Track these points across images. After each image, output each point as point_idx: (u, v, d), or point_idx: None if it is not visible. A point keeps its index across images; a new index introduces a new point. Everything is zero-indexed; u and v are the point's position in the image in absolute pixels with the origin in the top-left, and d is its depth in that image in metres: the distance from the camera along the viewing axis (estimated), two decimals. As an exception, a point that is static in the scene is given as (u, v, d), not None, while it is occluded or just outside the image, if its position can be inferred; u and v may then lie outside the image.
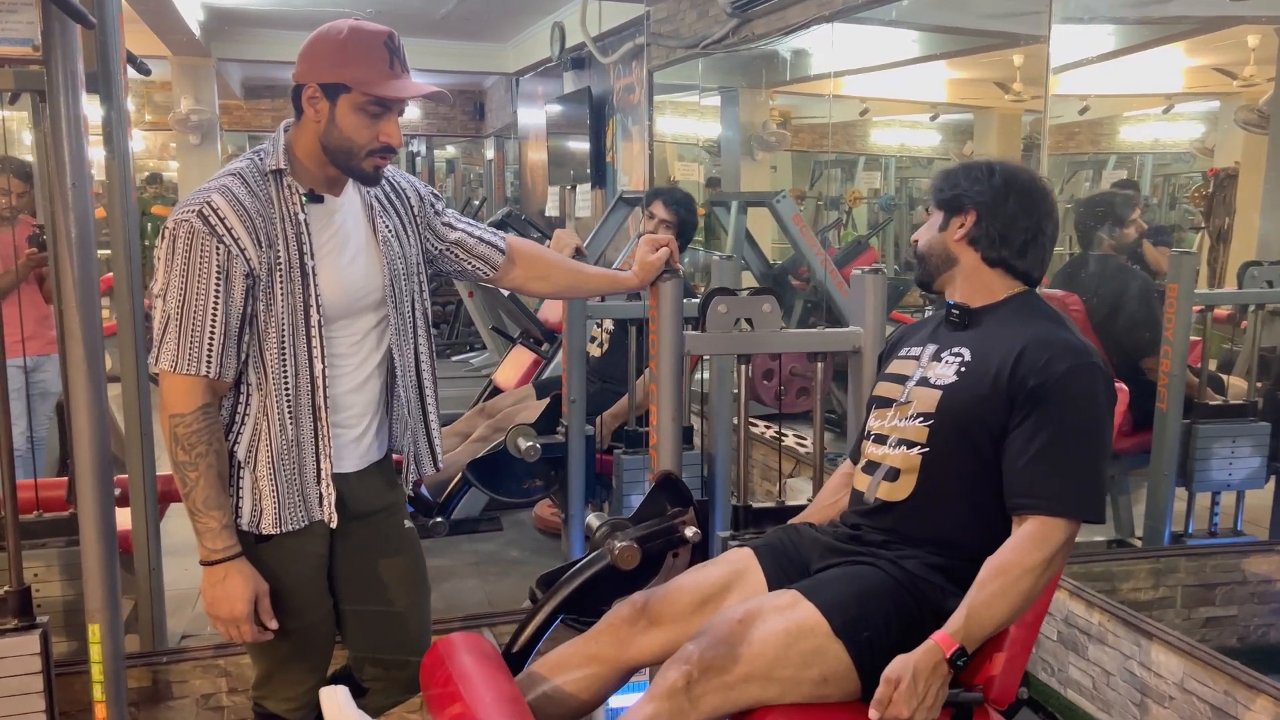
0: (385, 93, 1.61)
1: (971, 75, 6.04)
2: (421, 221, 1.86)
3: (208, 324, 1.58)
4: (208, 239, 1.57)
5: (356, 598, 1.83)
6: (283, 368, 1.65)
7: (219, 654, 2.36)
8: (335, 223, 1.71)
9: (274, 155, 1.66)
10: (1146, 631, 2.47)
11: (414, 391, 1.83)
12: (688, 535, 1.91)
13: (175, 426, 1.60)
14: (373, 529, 1.81)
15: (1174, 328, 3.12)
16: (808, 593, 1.61)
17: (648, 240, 2.04)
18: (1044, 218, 1.72)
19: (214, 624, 1.67)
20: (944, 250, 1.74)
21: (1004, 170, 1.73)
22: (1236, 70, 4.24)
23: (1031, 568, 1.52)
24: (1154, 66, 4.55)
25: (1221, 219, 4.04)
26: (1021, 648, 1.66)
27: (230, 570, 1.63)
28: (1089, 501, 1.56)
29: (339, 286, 1.69)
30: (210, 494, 1.61)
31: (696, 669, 1.53)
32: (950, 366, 1.70)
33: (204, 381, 1.60)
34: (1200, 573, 2.95)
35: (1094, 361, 1.60)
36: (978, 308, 1.74)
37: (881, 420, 1.78)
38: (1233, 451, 3.03)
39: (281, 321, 1.63)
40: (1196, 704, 2.31)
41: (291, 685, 1.80)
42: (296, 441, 1.67)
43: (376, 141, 1.64)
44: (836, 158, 8.05)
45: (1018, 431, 1.59)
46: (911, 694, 1.46)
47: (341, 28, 1.62)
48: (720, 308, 2.13)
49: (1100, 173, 5.63)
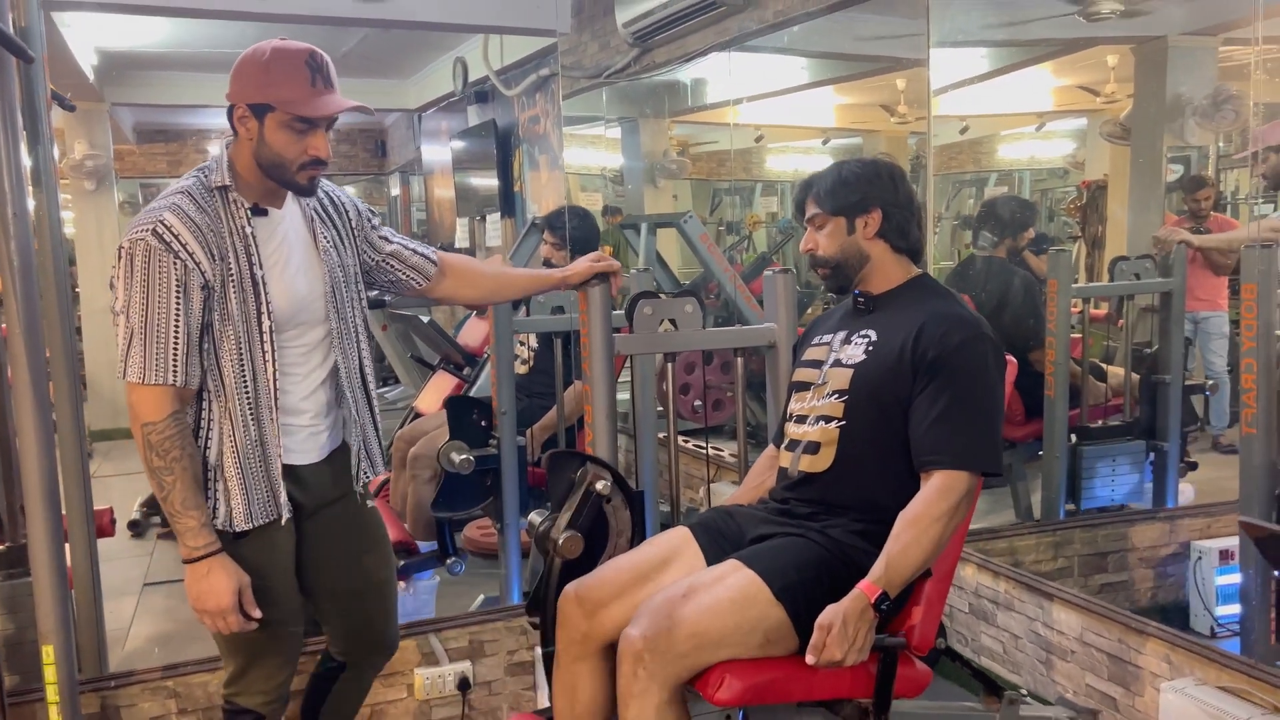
0: (305, 111, 1.70)
1: (859, 100, 6.36)
2: (359, 234, 1.97)
3: (171, 335, 1.66)
4: (164, 255, 1.65)
5: (329, 574, 1.94)
6: (240, 372, 1.74)
7: (167, 675, 2.38)
8: (279, 234, 1.81)
9: (218, 172, 1.75)
10: (1047, 593, 2.69)
11: (360, 392, 1.95)
12: (599, 489, 1.96)
13: (148, 434, 1.67)
14: (334, 513, 1.94)
15: (1055, 320, 3.40)
16: (748, 562, 1.76)
17: (594, 254, 2.18)
18: (914, 197, 1.94)
19: (201, 618, 1.74)
20: (857, 250, 1.91)
21: (884, 165, 1.94)
22: (1099, 88, 4.60)
23: (939, 516, 1.70)
24: (1025, 87, 4.89)
25: (1095, 227, 4.38)
26: (937, 599, 1.84)
27: (213, 565, 1.71)
28: (987, 455, 1.75)
29: (286, 296, 1.79)
30: (187, 495, 1.69)
31: (645, 650, 1.66)
32: (859, 347, 1.88)
33: (172, 390, 1.68)
34: (1093, 543, 3.20)
35: (985, 333, 1.80)
36: (880, 294, 1.93)
37: (801, 402, 1.95)
38: (1114, 470, 3.29)
39: (237, 329, 1.73)
40: (1095, 654, 2.53)
41: (265, 679, 1.88)
42: (260, 441, 1.77)
43: (305, 155, 1.73)
44: (732, 185, 8.34)
45: (921, 398, 1.77)
46: (842, 637, 1.62)
47: (265, 49, 1.71)
48: (646, 309, 2.27)
49: (982, 190, 5.99)
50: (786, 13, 3.54)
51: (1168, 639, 2.33)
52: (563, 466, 2.04)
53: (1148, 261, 3.49)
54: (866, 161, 1.95)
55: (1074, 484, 3.28)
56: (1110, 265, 3.54)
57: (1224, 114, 3.83)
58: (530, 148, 5.91)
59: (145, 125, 10.26)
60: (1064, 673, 2.62)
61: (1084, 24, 3.69)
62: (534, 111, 5.75)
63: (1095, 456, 3.30)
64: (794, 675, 1.71)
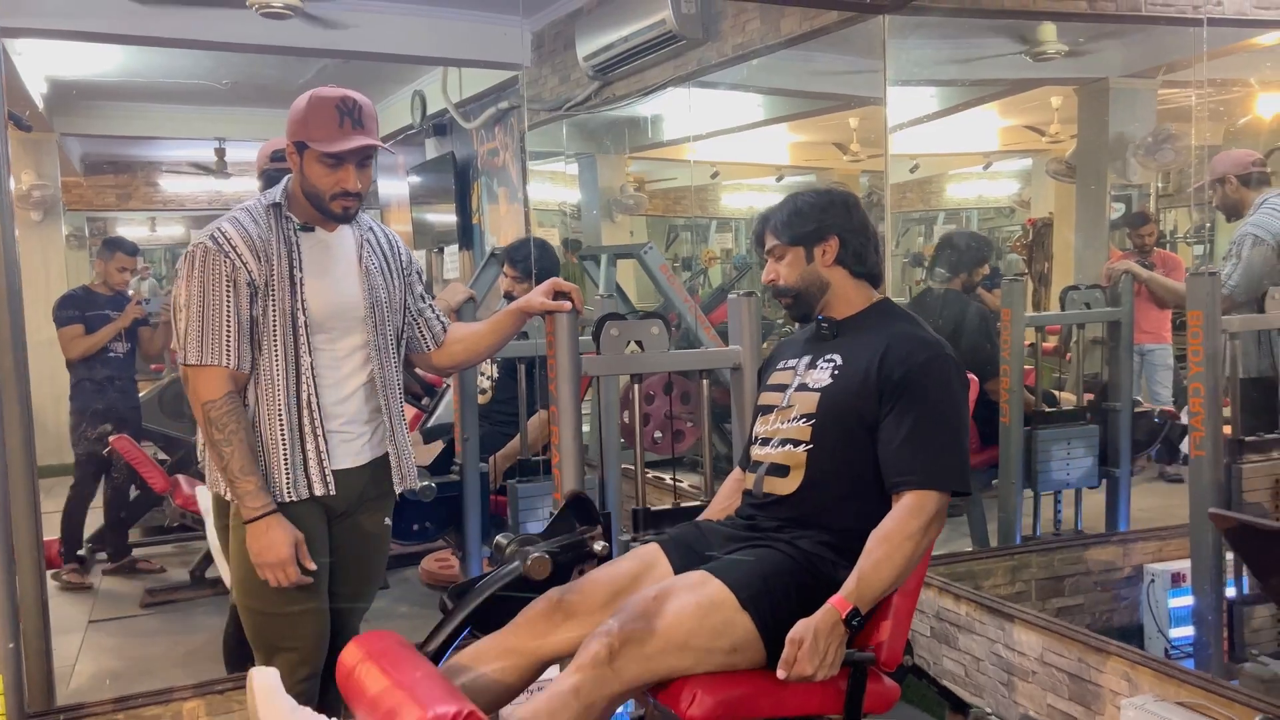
0: (328, 149, 1.93)
1: (813, 138, 6.48)
2: (407, 278, 2.18)
3: (224, 323, 1.91)
4: (217, 255, 1.92)
5: (336, 578, 2.07)
6: (274, 364, 1.95)
7: (119, 708, 2.32)
8: (324, 248, 2.04)
9: (276, 194, 2.02)
10: (1009, 615, 2.72)
11: (396, 405, 2.12)
12: (597, 549, 1.99)
13: (209, 411, 1.90)
14: (358, 521, 2.10)
15: (1010, 348, 3.46)
16: (716, 572, 1.76)
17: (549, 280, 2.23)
18: (869, 223, 1.98)
19: (262, 572, 1.92)
20: (817, 278, 1.95)
21: (837, 194, 2.01)
22: (1044, 128, 4.74)
23: (911, 534, 1.72)
24: (973, 127, 5.03)
25: (1041, 263, 4.50)
26: (905, 615, 1.85)
27: (271, 523, 1.90)
28: (955, 474, 1.78)
29: (321, 298, 2.00)
30: (244, 463, 1.90)
31: (618, 640, 1.66)
32: (824, 371, 1.91)
33: (226, 372, 1.91)
34: (1050, 566, 3.24)
35: (947, 353, 1.84)
36: (843, 319, 1.96)
37: (765, 425, 1.97)
38: (1069, 452, 3.36)
39: (274, 324, 1.95)
40: (1056, 674, 2.55)
41: (286, 674, 1.90)
42: (291, 426, 1.97)
43: (337, 187, 1.97)
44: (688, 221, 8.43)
45: (889, 419, 1.80)
46: (814, 652, 1.63)
47: (308, 95, 1.96)
48: (613, 330, 2.29)
49: (931, 228, 6.11)
50: (746, 46, 3.60)
51: (1127, 657, 2.36)
52: (577, 511, 2.03)
53: (1098, 291, 3.58)
54: (820, 191, 2.00)
55: (1030, 468, 3.35)
56: (1061, 294, 3.62)
57: (1164, 153, 3.97)
58: (489, 180, 5.92)
59: (94, 156, 10.10)
60: (1025, 693, 2.64)
61: (1030, 64, 3.81)
62: (493, 144, 5.78)
63: (1050, 440, 3.38)
64: (764, 691, 1.71)
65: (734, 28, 3.66)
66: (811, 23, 3.30)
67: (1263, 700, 2.08)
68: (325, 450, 1.99)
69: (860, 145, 5.91)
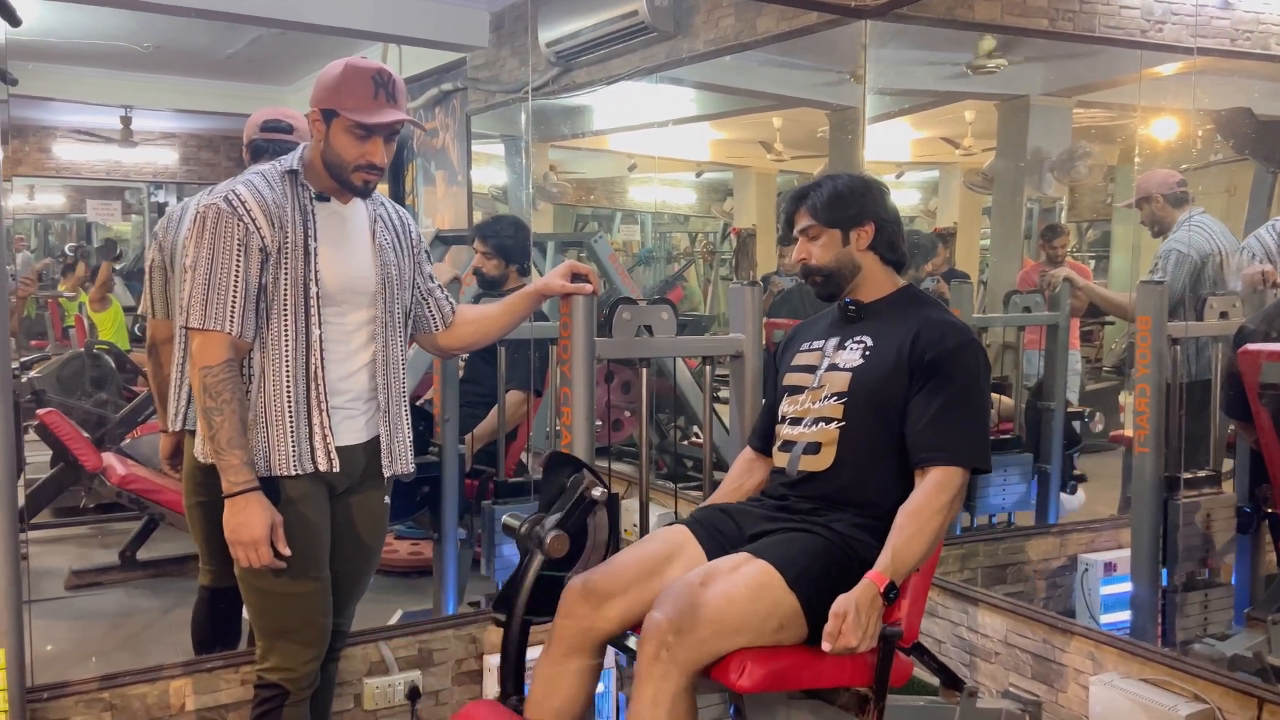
0: (363, 119, 1.89)
1: (735, 135, 6.60)
2: (416, 256, 2.15)
3: (230, 288, 1.85)
4: (230, 217, 1.86)
5: (337, 555, 2.03)
6: (283, 334, 1.90)
7: (104, 686, 2.23)
8: (339, 220, 2.00)
9: (292, 161, 1.97)
10: (972, 599, 2.86)
11: (398, 385, 2.07)
12: (595, 495, 1.99)
13: (204, 377, 1.84)
14: (358, 498, 2.06)
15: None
16: (758, 553, 1.83)
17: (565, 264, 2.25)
18: (899, 212, 2.07)
19: (234, 550, 1.86)
20: (850, 261, 2.03)
21: (873, 181, 2.08)
22: (958, 140, 4.96)
23: (939, 509, 1.82)
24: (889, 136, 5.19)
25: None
26: (921, 593, 1.95)
27: (250, 500, 1.84)
28: (979, 452, 1.88)
29: (334, 270, 1.96)
30: (233, 435, 1.84)
31: (670, 633, 1.71)
32: (854, 352, 1.99)
33: (228, 338, 1.85)
34: (995, 555, 3.42)
35: (975, 339, 1.95)
36: (870, 302, 2.04)
37: (794, 405, 2.04)
38: (1005, 479, 3.54)
39: (285, 292, 1.90)
40: (1019, 654, 2.71)
41: (290, 656, 1.95)
42: (298, 399, 1.92)
43: (363, 159, 1.92)
44: (593, 212, 8.46)
45: (918, 398, 1.89)
46: (856, 625, 1.71)
47: (341, 63, 1.92)
48: (625, 315, 2.32)
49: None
50: (719, 41, 3.67)
51: (1093, 637, 2.53)
52: (557, 470, 2.04)
53: (1038, 296, 3.79)
54: (856, 177, 2.07)
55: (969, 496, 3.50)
56: (1005, 298, 3.81)
57: (1078, 169, 4.22)
58: (425, 162, 5.84)
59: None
60: (989, 674, 2.79)
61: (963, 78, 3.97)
62: (432, 125, 5.70)
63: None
64: (805, 663, 1.78)
65: (707, 23, 3.72)
66: (789, 23, 3.38)
67: (1225, 675, 2.26)
68: (329, 425, 1.94)
69: (783, 145, 6.05)
